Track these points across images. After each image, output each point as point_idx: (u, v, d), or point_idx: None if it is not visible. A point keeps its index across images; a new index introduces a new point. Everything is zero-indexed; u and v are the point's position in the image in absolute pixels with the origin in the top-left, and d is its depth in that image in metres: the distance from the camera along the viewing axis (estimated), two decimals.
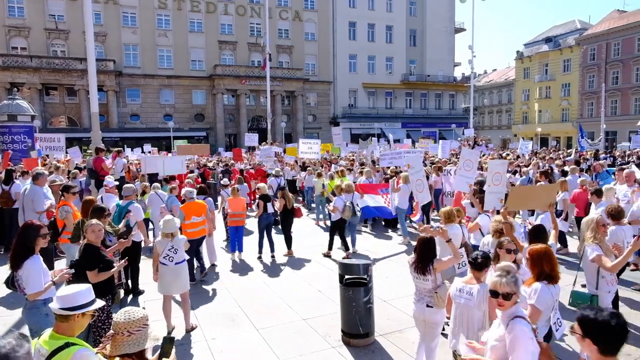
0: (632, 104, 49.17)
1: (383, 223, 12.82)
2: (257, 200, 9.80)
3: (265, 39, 24.69)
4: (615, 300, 5.21)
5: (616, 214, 5.91)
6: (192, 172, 16.96)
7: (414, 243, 5.15)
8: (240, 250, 9.70)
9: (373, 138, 22.20)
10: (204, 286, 8.03)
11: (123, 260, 5.22)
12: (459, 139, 32.29)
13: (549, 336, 4.01)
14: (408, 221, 11.68)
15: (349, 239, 10.17)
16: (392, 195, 10.80)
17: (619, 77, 50.34)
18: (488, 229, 5.77)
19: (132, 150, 26.29)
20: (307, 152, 17.72)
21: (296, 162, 18.69)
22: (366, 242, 11.04)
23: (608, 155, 21.19)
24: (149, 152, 26.16)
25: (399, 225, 11.46)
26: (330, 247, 9.79)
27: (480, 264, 3.85)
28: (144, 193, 10.52)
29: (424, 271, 4.39)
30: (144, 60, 41.94)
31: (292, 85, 45.55)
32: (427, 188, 7.13)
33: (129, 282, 7.45)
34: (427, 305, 4.40)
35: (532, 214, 9.70)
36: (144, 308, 2.74)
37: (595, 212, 6.76)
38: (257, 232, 9.73)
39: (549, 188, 5.76)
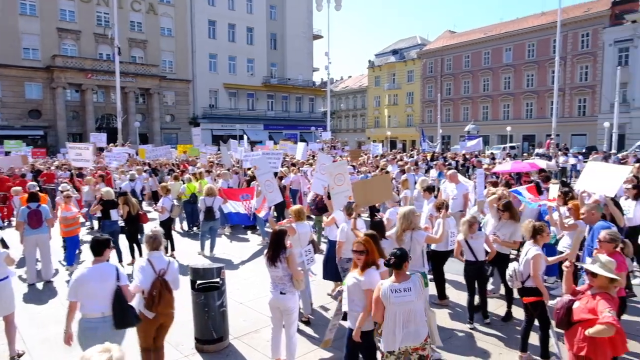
0: (462, 112, 57.08)
1: (243, 226, 12.75)
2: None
3: (113, 30, 22.62)
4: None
5: (443, 208, 6.80)
6: (23, 175, 14.87)
7: None
8: (70, 263, 8.90)
9: (232, 140, 21.91)
10: (36, 306, 7.05)
11: None
12: (317, 141, 33.73)
13: None
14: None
15: (208, 242, 9.99)
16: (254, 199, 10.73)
17: (452, 88, 58.01)
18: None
19: None
20: (77, 160, 15.04)
21: (149, 164, 17.52)
22: (225, 246, 10.86)
23: (442, 156, 24.14)
24: None
25: (258, 227, 11.51)
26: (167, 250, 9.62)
27: (397, 264, 3.84)
28: None
29: (274, 261, 4.64)
30: None
31: (147, 82, 42.67)
32: (277, 188, 7.28)
33: None
34: (281, 292, 4.69)
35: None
36: None
37: (428, 206, 7.66)
38: None
39: (382, 178, 6.47)
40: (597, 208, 5.79)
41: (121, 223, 8.95)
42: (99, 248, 4.22)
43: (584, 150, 32.04)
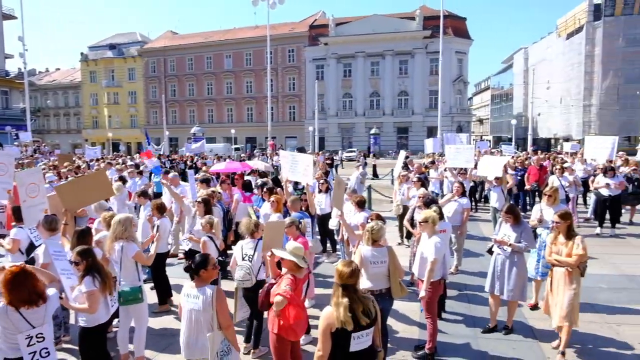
0: (188, 114, 57.50)
1: None
2: None
3: None
4: None
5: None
6: None
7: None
8: None
9: None
10: None
11: None
12: (15, 144, 28.00)
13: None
14: None
15: None
16: None
17: (177, 90, 57.69)
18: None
19: None
20: None
21: None
22: None
23: (167, 159, 23.78)
24: None
25: None
26: None
27: (195, 269, 3.78)
28: None
29: None
30: None
31: None
32: None
33: None
34: None
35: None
36: None
37: (144, 212, 7.39)
38: None
39: (96, 174, 6.07)
40: (297, 200, 6.86)
41: None
42: None
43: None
